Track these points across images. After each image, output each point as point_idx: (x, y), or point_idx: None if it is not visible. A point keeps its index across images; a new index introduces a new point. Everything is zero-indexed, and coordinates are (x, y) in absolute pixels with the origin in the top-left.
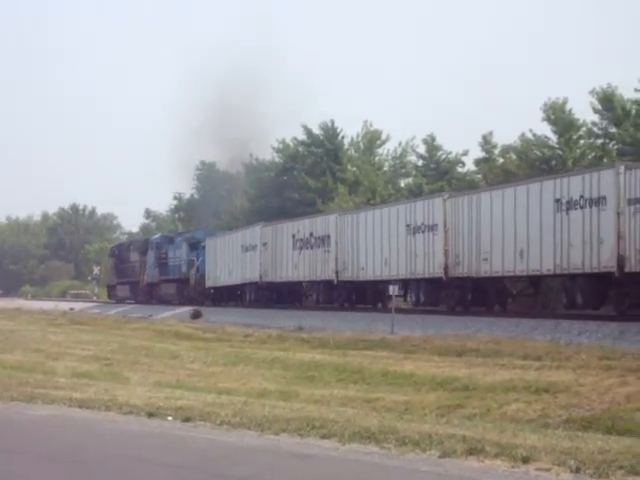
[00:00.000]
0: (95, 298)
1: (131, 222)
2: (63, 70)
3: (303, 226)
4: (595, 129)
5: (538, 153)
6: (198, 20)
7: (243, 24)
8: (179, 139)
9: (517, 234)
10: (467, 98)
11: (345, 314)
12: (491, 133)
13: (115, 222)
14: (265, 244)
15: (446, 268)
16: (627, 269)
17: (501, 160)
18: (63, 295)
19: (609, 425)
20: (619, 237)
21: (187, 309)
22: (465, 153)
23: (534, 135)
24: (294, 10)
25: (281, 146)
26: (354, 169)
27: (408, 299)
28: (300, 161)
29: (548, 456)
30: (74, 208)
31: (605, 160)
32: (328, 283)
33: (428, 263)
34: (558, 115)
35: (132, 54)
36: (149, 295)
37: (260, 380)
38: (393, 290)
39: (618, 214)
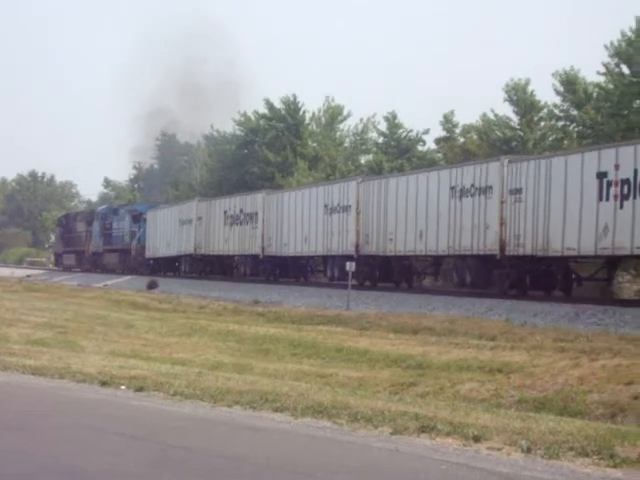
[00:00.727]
0: (51, 266)
1: (90, 191)
2: (15, 33)
3: (234, 203)
4: (556, 111)
5: (499, 134)
6: None
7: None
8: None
9: (418, 217)
10: (430, 76)
11: (301, 289)
12: (452, 112)
13: (74, 190)
14: (200, 219)
15: (357, 246)
16: (507, 252)
17: (462, 140)
18: (20, 262)
19: (561, 406)
20: (502, 223)
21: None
22: (426, 132)
23: (495, 115)
24: None
25: (242, 119)
26: (315, 144)
27: (328, 274)
28: (261, 135)
29: (500, 436)
30: (33, 175)
31: (566, 142)
32: (255, 257)
33: (342, 241)
34: (520, 96)
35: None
36: (94, 264)
37: (215, 352)
38: (350, 266)
39: (501, 202)
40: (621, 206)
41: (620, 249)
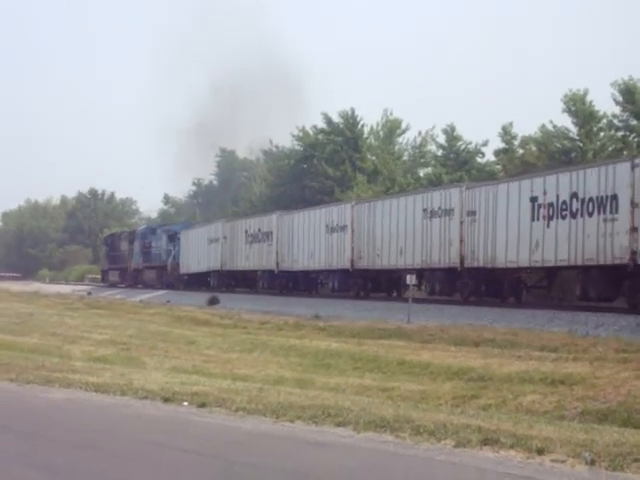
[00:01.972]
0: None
1: (150, 207)
2: (72, 56)
3: (253, 223)
4: (616, 121)
5: (558, 145)
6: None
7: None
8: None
9: (399, 236)
10: (489, 88)
11: (361, 303)
12: (511, 124)
13: (134, 207)
14: (225, 237)
15: (352, 261)
16: (465, 265)
17: (521, 151)
18: (81, 279)
19: (625, 418)
20: (461, 240)
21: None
22: (485, 143)
23: (554, 126)
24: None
25: (301, 134)
26: (373, 158)
27: (330, 286)
28: (320, 149)
29: (563, 448)
30: (93, 192)
31: (625, 153)
32: (271, 272)
33: (340, 257)
34: (579, 107)
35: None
36: (135, 280)
37: (276, 367)
38: (410, 280)
39: (461, 223)
40: (548, 225)
41: (548, 261)
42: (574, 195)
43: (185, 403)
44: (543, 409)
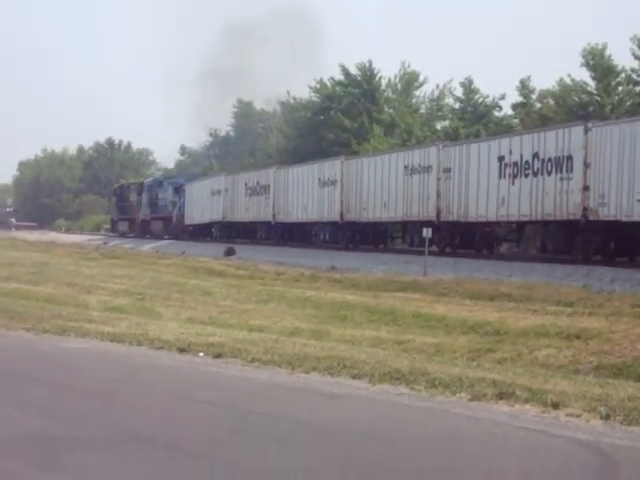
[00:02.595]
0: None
1: (166, 158)
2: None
3: (252, 177)
4: (634, 76)
5: (576, 99)
6: None
7: None
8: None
9: (382, 191)
10: (507, 42)
11: (378, 255)
12: (529, 77)
13: (151, 158)
14: (227, 190)
15: (341, 214)
16: (442, 218)
17: (539, 105)
18: (97, 229)
19: None
20: (438, 195)
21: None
22: (502, 97)
23: (572, 80)
24: None
25: (318, 85)
26: (390, 110)
27: (321, 237)
28: (337, 101)
29: (578, 402)
30: (110, 142)
31: None
32: (266, 224)
33: (329, 210)
34: (597, 61)
35: None
36: (143, 230)
37: (292, 319)
38: (427, 232)
39: (438, 179)
40: (513, 183)
41: (512, 216)
42: (535, 155)
43: (201, 354)
44: (558, 363)
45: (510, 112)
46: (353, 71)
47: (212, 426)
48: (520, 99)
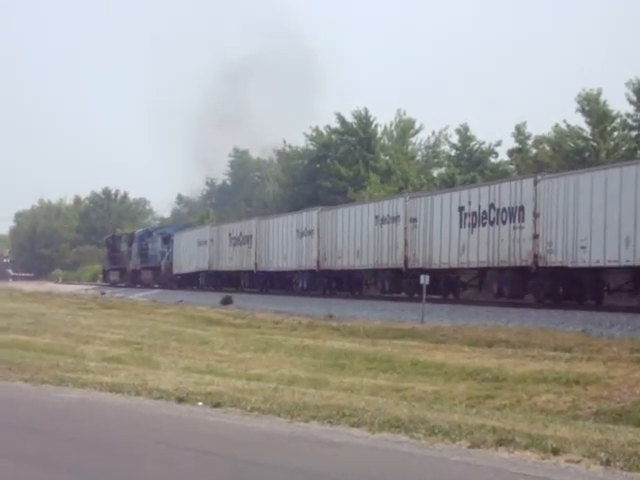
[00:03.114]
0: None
1: (163, 207)
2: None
3: (236, 227)
4: (630, 121)
5: (572, 144)
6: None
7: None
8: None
9: (355, 240)
10: (502, 88)
11: (374, 303)
12: (524, 124)
13: (147, 207)
14: (212, 240)
15: (318, 262)
16: (409, 266)
17: (534, 151)
18: (94, 279)
19: None
20: (405, 244)
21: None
22: (498, 143)
23: (568, 126)
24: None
25: (314, 134)
26: (387, 158)
27: (299, 285)
28: (333, 149)
29: (578, 448)
30: (106, 192)
31: (639, 152)
32: (249, 273)
33: (307, 259)
34: (592, 106)
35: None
36: (133, 279)
37: (290, 367)
38: (424, 280)
39: (405, 228)
40: (472, 231)
41: (472, 263)
42: (492, 206)
43: (199, 403)
44: (557, 409)
45: (506, 158)
46: (349, 119)
47: (211, 476)
48: (516, 145)
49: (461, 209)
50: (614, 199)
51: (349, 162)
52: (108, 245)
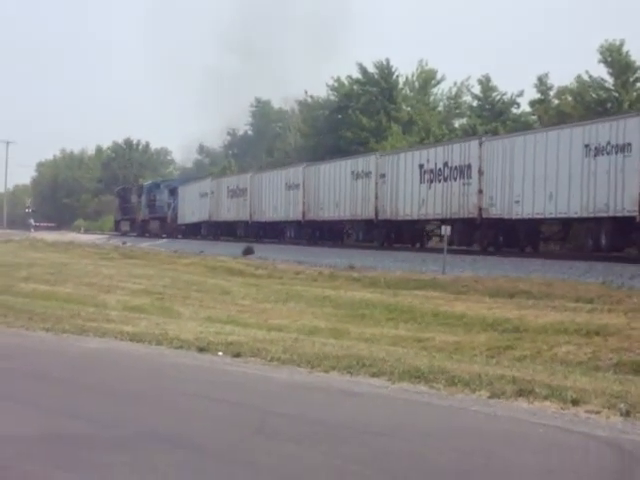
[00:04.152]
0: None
1: (185, 157)
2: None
3: (233, 181)
4: None
5: (594, 95)
6: None
7: None
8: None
9: (335, 193)
10: (525, 39)
11: (396, 253)
12: (547, 74)
13: (169, 157)
14: (212, 192)
15: (303, 214)
16: (379, 217)
17: (556, 102)
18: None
19: None
20: (376, 197)
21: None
22: (520, 94)
23: (590, 77)
24: None
25: (336, 84)
26: (408, 108)
27: (288, 234)
28: (355, 100)
29: (598, 399)
30: (128, 142)
31: None
32: (244, 223)
33: (294, 210)
34: (615, 57)
35: None
36: (142, 229)
37: (311, 317)
38: (445, 230)
39: (376, 183)
40: (429, 187)
41: (429, 215)
42: (445, 164)
43: (220, 353)
44: (578, 360)
45: (528, 109)
46: (371, 69)
47: (232, 426)
48: (538, 96)
49: (421, 167)
50: (541, 160)
51: (371, 112)
52: (119, 196)
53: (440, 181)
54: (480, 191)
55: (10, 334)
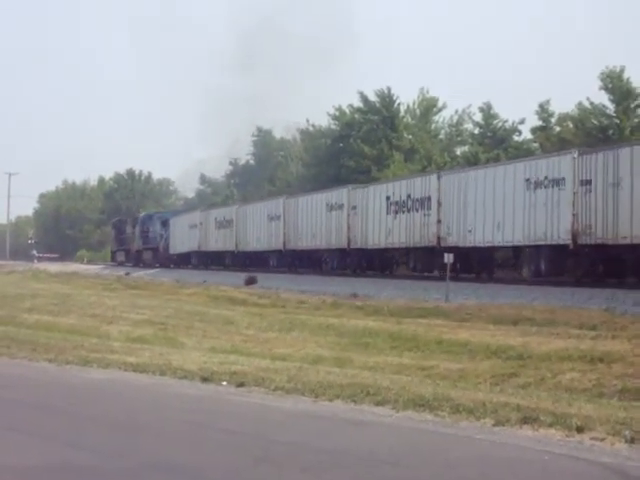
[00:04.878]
0: (158, 265)
1: (187, 187)
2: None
3: (220, 212)
4: None
5: (595, 122)
6: None
7: None
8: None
9: (312, 224)
10: (525, 67)
11: (398, 282)
12: (548, 101)
13: (171, 188)
14: (201, 224)
15: (284, 243)
16: (352, 246)
17: (558, 129)
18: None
19: None
20: (348, 227)
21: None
22: (522, 121)
23: (591, 104)
24: None
25: (337, 113)
26: (410, 137)
27: (271, 263)
28: (356, 128)
29: (603, 426)
30: (130, 173)
31: None
32: (231, 253)
33: (276, 240)
34: (615, 84)
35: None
36: (137, 259)
37: (314, 346)
38: (448, 258)
39: (347, 215)
40: (395, 217)
41: (394, 243)
42: (409, 196)
43: (224, 383)
44: (582, 387)
45: (530, 136)
46: (372, 98)
47: (237, 455)
48: (539, 123)
49: (388, 199)
50: (490, 192)
51: (372, 141)
52: (115, 227)
53: (404, 212)
54: (439, 221)
55: (14, 365)
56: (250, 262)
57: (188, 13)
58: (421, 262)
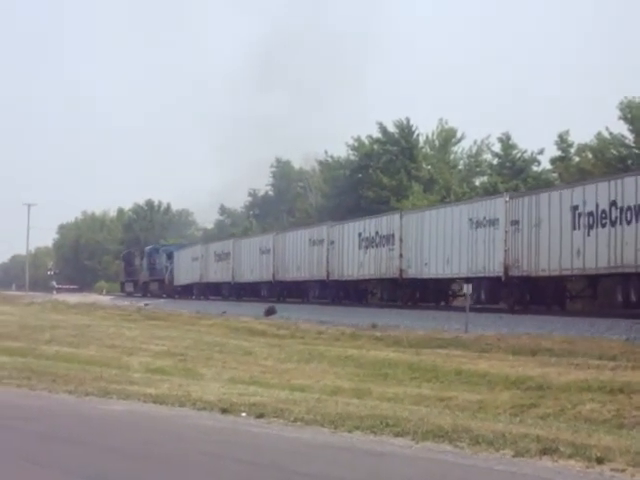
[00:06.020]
0: (165, 295)
1: (206, 218)
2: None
3: (218, 246)
4: None
5: (615, 152)
6: None
7: None
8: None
9: (297, 257)
10: (545, 97)
11: (418, 312)
12: (567, 132)
13: (190, 218)
14: (202, 256)
15: (273, 275)
16: (330, 277)
17: (577, 159)
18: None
19: None
20: (327, 261)
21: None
22: (541, 152)
23: (610, 134)
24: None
25: (356, 144)
26: (429, 167)
27: (262, 294)
28: (375, 159)
29: (623, 457)
30: (149, 204)
31: None
32: (228, 284)
33: (267, 272)
34: (635, 114)
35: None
36: (144, 290)
37: (333, 377)
38: (467, 289)
39: (327, 249)
40: (365, 252)
41: (364, 275)
42: (377, 232)
43: (243, 414)
44: (602, 418)
45: (549, 166)
46: (391, 128)
47: None
48: (559, 153)
49: (359, 235)
50: (441, 230)
51: (391, 172)
52: (124, 260)
53: (373, 247)
54: (401, 255)
55: (33, 396)
56: (244, 292)
57: (206, 45)
58: (387, 292)
